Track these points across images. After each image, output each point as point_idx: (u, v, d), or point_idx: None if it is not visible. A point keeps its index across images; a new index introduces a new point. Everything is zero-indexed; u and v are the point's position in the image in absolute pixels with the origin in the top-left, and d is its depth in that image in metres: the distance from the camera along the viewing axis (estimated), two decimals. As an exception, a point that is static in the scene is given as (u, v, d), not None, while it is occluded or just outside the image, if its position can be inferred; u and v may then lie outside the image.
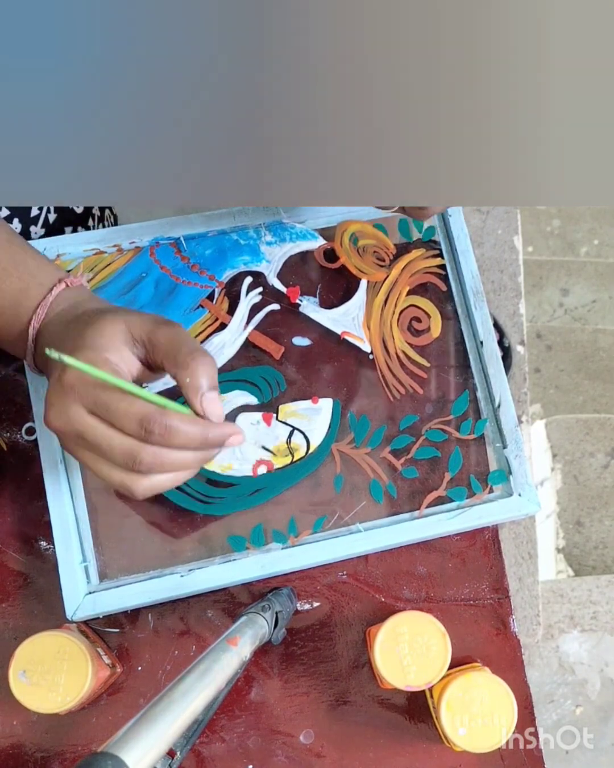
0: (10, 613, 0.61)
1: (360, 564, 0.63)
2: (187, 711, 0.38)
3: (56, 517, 0.59)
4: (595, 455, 1.50)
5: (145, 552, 0.61)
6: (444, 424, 0.64)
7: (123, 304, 0.64)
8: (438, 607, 0.62)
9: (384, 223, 0.68)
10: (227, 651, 0.44)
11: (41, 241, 0.64)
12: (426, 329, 0.66)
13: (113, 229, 0.66)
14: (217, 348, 0.64)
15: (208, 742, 0.59)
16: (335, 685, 0.61)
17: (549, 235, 1.62)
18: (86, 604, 0.57)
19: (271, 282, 0.66)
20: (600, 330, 1.58)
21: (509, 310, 1.41)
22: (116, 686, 0.60)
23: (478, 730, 0.54)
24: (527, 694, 0.60)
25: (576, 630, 1.33)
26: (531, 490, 0.62)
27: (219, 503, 0.61)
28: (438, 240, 0.68)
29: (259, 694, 0.60)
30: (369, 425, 0.64)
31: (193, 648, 0.61)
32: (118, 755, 0.32)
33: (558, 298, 1.59)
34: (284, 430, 0.63)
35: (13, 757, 0.58)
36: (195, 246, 0.66)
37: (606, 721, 1.31)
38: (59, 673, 0.53)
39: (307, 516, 0.62)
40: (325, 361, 0.65)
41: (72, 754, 0.59)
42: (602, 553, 1.46)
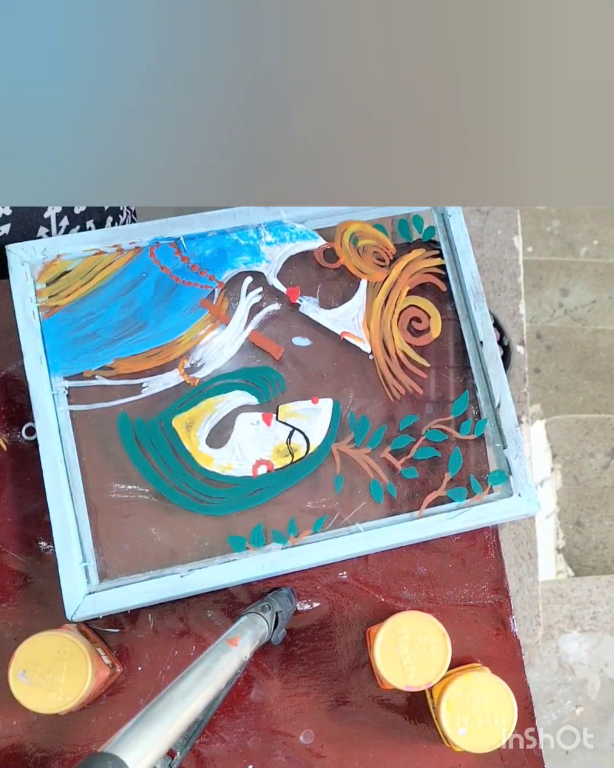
0: (10, 613, 0.61)
1: (360, 564, 0.63)
2: (187, 711, 0.38)
3: (56, 517, 0.59)
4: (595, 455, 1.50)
5: (145, 552, 0.61)
6: (444, 424, 0.64)
7: (123, 304, 0.64)
8: (438, 607, 0.62)
9: (384, 223, 0.68)
10: (227, 651, 0.44)
11: (41, 242, 0.64)
12: (426, 329, 0.66)
13: (113, 229, 0.66)
14: (216, 348, 0.64)
15: (208, 742, 0.59)
16: (335, 685, 0.61)
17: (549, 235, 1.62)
18: (86, 604, 0.57)
19: (271, 282, 0.66)
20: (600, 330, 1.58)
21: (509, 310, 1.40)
22: (116, 686, 0.60)
23: (478, 730, 0.54)
24: (527, 694, 0.60)
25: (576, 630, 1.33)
26: (531, 490, 0.62)
27: (219, 503, 0.61)
28: (438, 240, 0.68)
29: (259, 694, 0.60)
30: (369, 425, 0.64)
31: (193, 648, 0.61)
32: (118, 755, 0.32)
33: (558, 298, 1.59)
34: (284, 430, 0.63)
35: (13, 757, 0.58)
36: (195, 246, 0.66)
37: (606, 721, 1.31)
38: (59, 673, 0.53)
39: (306, 516, 0.62)
40: (325, 361, 0.65)
41: (72, 754, 0.58)
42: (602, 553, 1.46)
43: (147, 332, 0.64)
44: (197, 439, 0.62)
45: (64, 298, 0.64)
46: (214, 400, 0.63)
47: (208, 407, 0.63)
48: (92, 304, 0.64)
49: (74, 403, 0.63)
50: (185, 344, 0.64)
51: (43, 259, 0.64)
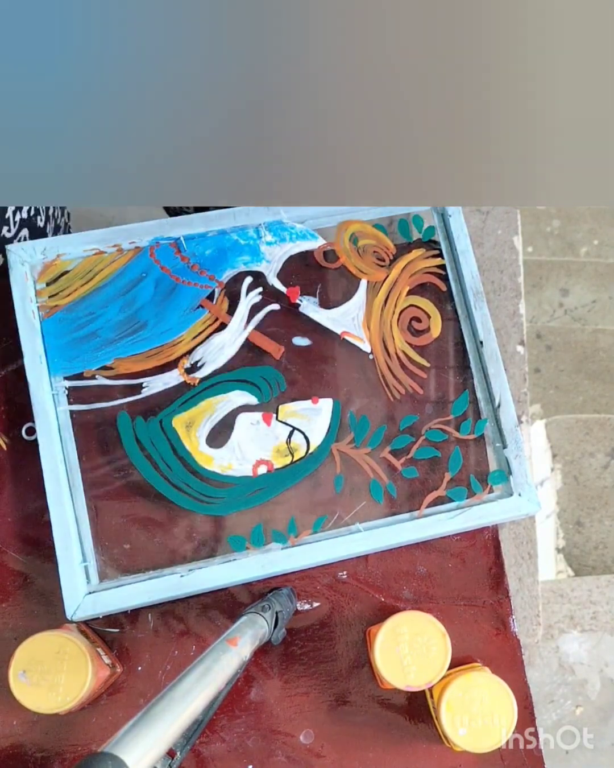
0: (10, 613, 0.61)
1: (360, 564, 0.63)
2: (187, 711, 0.38)
3: (56, 517, 0.59)
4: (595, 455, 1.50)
5: (145, 552, 0.61)
6: (444, 424, 0.64)
7: (123, 304, 0.64)
8: (438, 607, 0.62)
9: (383, 223, 0.68)
10: (227, 651, 0.44)
11: (41, 241, 0.64)
12: (426, 329, 0.66)
13: (113, 229, 0.66)
14: (216, 348, 0.64)
15: (208, 742, 0.59)
16: (335, 685, 0.61)
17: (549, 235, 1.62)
18: (86, 604, 0.57)
19: (271, 282, 0.66)
20: (600, 330, 1.58)
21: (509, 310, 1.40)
22: (116, 686, 0.60)
23: (478, 730, 0.54)
24: (527, 694, 0.60)
25: (576, 630, 1.33)
26: (531, 490, 0.62)
27: (219, 503, 0.61)
28: (438, 240, 0.68)
29: (258, 694, 0.60)
30: (369, 425, 0.64)
31: (193, 648, 0.61)
32: (118, 755, 0.32)
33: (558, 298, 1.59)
34: (284, 430, 0.63)
35: (13, 757, 0.58)
36: (195, 246, 0.66)
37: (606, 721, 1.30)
38: (59, 673, 0.53)
39: (307, 516, 0.62)
40: (325, 361, 0.65)
41: (72, 754, 0.58)
42: (602, 553, 1.46)
43: (147, 332, 0.64)
44: (197, 439, 0.62)
45: (64, 298, 0.64)
46: (214, 400, 0.63)
47: (208, 407, 0.63)
48: (92, 304, 0.64)
49: (74, 403, 0.63)
50: (185, 344, 0.64)
51: (43, 259, 0.64)
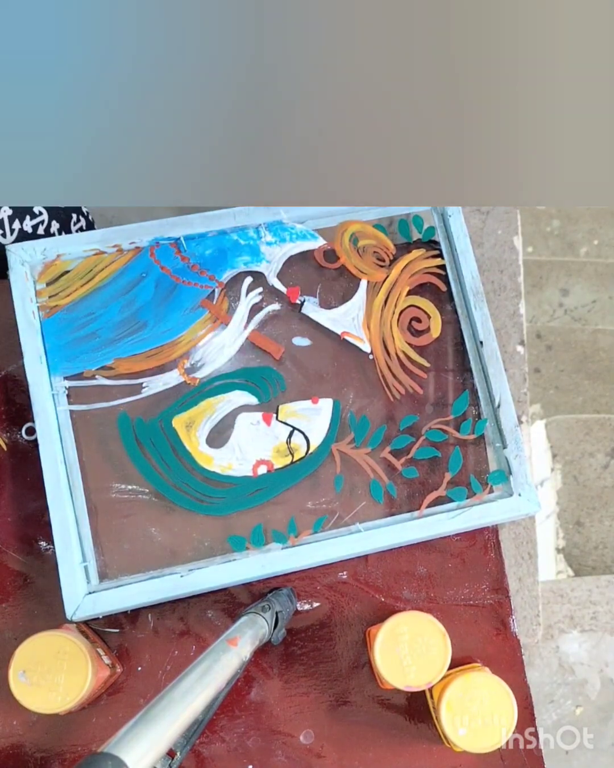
0: (10, 613, 0.61)
1: (360, 564, 0.63)
2: (187, 711, 0.38)
3: (56, 517, 0.59)
4: (595, 455, 1.50)
5: (145, 552, 0.61)
6: (444, 424, 0.64)
7: (123, 304, 0.64)
8: (438, 607, 0.62)
9: (383, 223, 0.68)
10: (227, 651, 0.44)
11: (41, 242, 0.64)
12: (426, 329, 0.66)
13: (113, 229, 0.66)
14: (216, 348, 0.64)
15: (208, 742, 0.59)
16: (335, 685, 0.61)
17: (549, 235, 1.62)
18: (86, 604, 0.57)
19: (271, 282, 0.66)
20: (600, 330, 1.58)
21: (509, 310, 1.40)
22: (116, 686, 0.60)
23: (478, 730, 0.54)
24: (527, 694, 0.60)
25: (576, 630, 1.33)
26: (531, 490, 0.62)
27: (219, 503, 0.61)
28: (438, 240, 0.68)
29: (259, 694, 0.60)
30: (369, 425, 0.64)
31: (193, 648, 0.61)
32: (118, 755, 0.32)
33: (558, 298, 1.59)
34: (284, 430, 0.63)
35: (13, 757, 0.58)
36: (195, 246, 0.66)
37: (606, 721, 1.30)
38: (59, 673, 0.53)
39: (306, 516, 0.62)
40: (325, 361, 0.65)
41: (72, 754, 0.58)
42: (602, 553, 1.46)
43: (147, 332, 0.64)
44: (197, 439, 0.62)
45: (64, 298, 0.64)
46: (214, 400, 0.63)
47: (208, 407, 0.63)
48: (92, 304, 0.64)
49: (74, 403, 0.63)
50: (185, 344, 0.64)
51: (43, 259, 0.64)
